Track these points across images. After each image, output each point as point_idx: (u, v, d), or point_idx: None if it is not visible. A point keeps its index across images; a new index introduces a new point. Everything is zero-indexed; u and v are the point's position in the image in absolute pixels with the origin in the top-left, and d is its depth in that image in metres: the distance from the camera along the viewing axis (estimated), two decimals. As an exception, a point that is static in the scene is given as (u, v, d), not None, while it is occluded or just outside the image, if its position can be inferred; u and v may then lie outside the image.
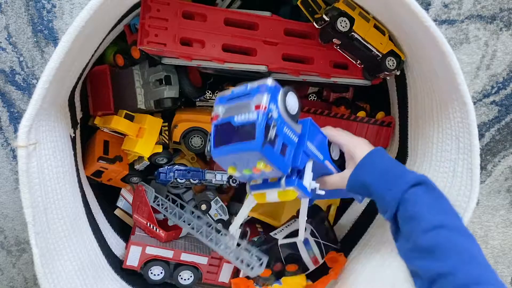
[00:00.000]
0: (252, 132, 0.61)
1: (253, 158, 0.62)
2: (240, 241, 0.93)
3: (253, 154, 0.62)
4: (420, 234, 0.62)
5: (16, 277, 1.12)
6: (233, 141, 0.63)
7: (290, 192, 0.69)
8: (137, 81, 0.94)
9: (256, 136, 0.61)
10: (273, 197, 0.71)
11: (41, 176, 0.66)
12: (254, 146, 0.60)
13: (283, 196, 0.70)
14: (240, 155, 0.63)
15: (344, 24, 0.82)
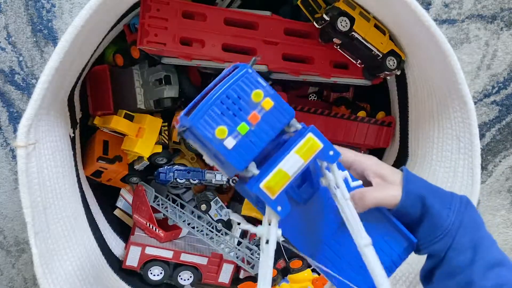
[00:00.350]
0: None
1: (245, 92, 0.48)
2: (241, 240, 0.93)
3: (244, 79, 0.48)
4: (481, 271, 0.53)
5: (16, 277, 1.12)
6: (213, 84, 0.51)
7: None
8: (137, 81, 0.94)
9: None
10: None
11: (41, 176, 0.66)
12: (242, 66, 0.49)
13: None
14: (228, 94, 0.48)
15: (345, 24, 0.82)
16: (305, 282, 0.86)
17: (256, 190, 0.47)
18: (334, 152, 0.49)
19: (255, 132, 0.47)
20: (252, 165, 0.48)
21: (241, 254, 0.92)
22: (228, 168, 0.49)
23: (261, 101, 0.48)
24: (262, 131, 0.48)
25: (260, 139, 0.48)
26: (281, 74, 0.92)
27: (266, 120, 0.48)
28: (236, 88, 0.48)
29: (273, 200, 0.47)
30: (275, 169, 0.47)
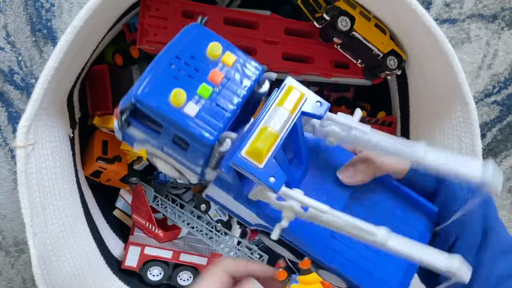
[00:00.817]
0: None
1: (199, 47, 0.37)
2: (241, 240, 0.93)
3: (194, 34, 0.37)
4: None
5: (15, 277, 1.12)
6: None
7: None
8: (136, 80, 0.94)
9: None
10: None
11: (40, 176, 0.66)
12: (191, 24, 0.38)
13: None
14: (177, 53, 0.37)
15: (345, 23, 0.82)
16: (315, 284, 0.85)
17: (237, 159, 0.35)
18: (321, 103, 0.40)
19: (221, 93, 0.37)
20: (228, 134, 0.36)
21: (241, 254, 0.92)
22: (194, 155, 0.37)
23: (221, 56, 0.38)
24: (230, 91, 0.37)
25: (229, 100, 0.37)
26: (281, 73, 0.91)
27: (231, 77, 0.38)
28: (187, 45, 0.37)
29: (261, 169, 0.35)
30: (258, 128, 0.36)
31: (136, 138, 0.39)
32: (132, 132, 0.38)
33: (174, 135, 0.37)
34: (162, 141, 0.38)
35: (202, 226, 0.93)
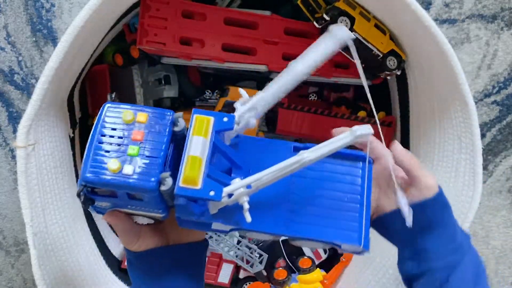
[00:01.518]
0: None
1: (115, 121, 0.46)
2: (240, 239, 0.93)
3: (108, 111, 0.46)
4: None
5: (15, 277, 1.12)
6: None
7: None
8: (136, 80, 0.94)
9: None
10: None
11: (40, 176, 0.66)
12: (104, 105, 0.47)
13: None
14: (101, 132, 0.45)
15: (345, 24, 0.82)
16: (315, 283, 0.85)
17: (179, 190, 0.42)
18: (228, 118, 0.46)
19: (147, 146, 0.45)
20: (164, 175, 0.44)
21: (241, 253, 0.92)
22: (151, 201, 0.45)
23: (135, 118, 0.45)
24: (153, 141, 0.45)
25: (156, 149, 0.45)
26: (281, 74, 0.91)
27: (151, 130, 0.45)
28: (105, 123, 0.45)
29: (200, 189, 0.42)
30: (184, 160, 0.43)
31: (105, 208, 0.48)
32: (99, 204, 0.47)
33: (128, 195, 0.45)
34: (122, 201, 0.46)
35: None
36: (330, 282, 0.88)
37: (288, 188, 0.51)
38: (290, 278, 0.88)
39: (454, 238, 0.54)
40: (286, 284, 0.87)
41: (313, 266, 0.86)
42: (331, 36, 0.50)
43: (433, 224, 0.54)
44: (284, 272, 0.88)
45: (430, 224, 0.54)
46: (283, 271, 0.88)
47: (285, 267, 0.90)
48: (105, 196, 0.46)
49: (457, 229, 0.55)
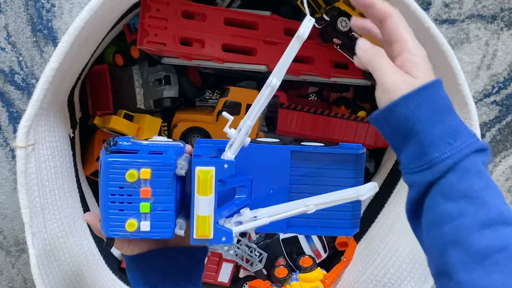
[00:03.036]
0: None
1: (121, 179, 0.48)
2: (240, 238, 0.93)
3: (112, 170, 0.48)
4: (475, 227, 0.42)
5: (16, 277, 1.12)
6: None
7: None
8: (137, 80, 0.94)
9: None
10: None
11: (39, 176, 0.66)
12: (105, 157, 0.49)
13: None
14: (111, 191, 0.49)
15: (345, 24, 0.82)
16: (315, 282, 0.86)
17: (194, 242, 0.48)
18: (228, 164, 0.48)
19: (157, 201, 0.48)
20: (177, 229, 0.49)
21: (241, 252, 0.92)
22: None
23: (139, 176, 0.48)
24: (162, 196, 0.49)
25: (166, 203, 0.49)
26: (281, 74, 0.91)
27: (157, 185, 0.48)
28: (112, 182, 0.48)
29: (212, 239, 0.48)
30: (194, 219, 0.47)
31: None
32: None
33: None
34: (137, 234, 0.49)
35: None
36: (330, 281, 0.88)
37: (286, 189, 0.55)
38: (290, 276, 0.88)
39: (423, 152, 0.45)
40: (286, 282, 0.88)
41: (314, 265, 0.86)
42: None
43: (400, 136, 0.47)
44: (284, 270, 0.88)
45: (398, 134, 0.47)
46: (283, 269, 0.88)
47: (285, 265, 0.90)
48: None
49: (434, 142, 0.44)
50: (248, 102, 0.91)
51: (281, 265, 0.90)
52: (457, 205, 0.44)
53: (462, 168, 0.44)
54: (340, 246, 0.96)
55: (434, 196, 0.45)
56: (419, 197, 0.47)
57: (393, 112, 0.46)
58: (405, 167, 0.47)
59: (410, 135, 0.46)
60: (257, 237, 0.96)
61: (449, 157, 0.44)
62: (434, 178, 0.45)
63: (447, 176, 0.44)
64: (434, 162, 0.44)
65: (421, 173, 0.45)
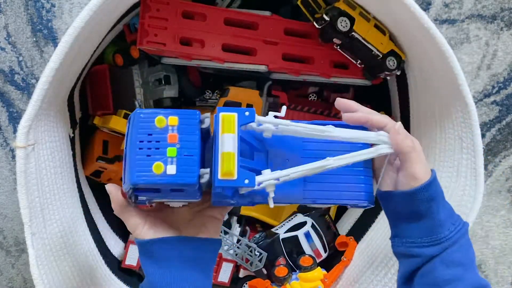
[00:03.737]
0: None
1: (149, 127, 0.51)
2: (240, 238, 0.93)
3: (141, 119, 0.51)
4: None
5: (16, 277, 1.12)
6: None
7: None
8: (137, 80, 0.94)
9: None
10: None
11: (39, 176, 0.66)
12: (133, 113, 0.52)
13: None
14: (139, 138, 0.51)
15: (345, 24, 0.82)
16: (315, 281, 0.86)
17: (219, 183, 0.49)
18: (249, 112, 0.52)
19: (183, 146, 0.50)
20: (203, 171, 0.50)
21: (240, 252, 0.92)
22: (190, 192, 0.51)
23: (167, 122, 0.51)
24: (188, 142, 0.51)
25: (192, 148, 0.50)
26: (281, 74, 0.92)
27: (183, 131, 0.51)
28: (141, 130, 0.51)
29: (236, 180, 0.49)
30: (219, 156, 0.49)
31: (146, 201, 0.53)
32: (141, 199, 0.53)
33: (171, 190, 0.51)
34: (164, 194, 0.52)
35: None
36: (330, 281, 0.88)
37: (300, 158, 0.58)
38: (290, 276, 0.88)
39: (436, 231, 0.55)
40: (286, 281, 0.88)
41: (314, 264, 0.86)
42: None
43: (416, 215, 0.55)
44: (284, 269, 0.88)
45: (413, 214, 0.55)
46: (283, 268, 0.88)
47: (285, 265, 0.90)
48: (149, 191, 0.52)
49: (443, 222, 0.55)
50: (248, 102, 0.91)
51: (281, 265, 0.90)
52: (454, 271, 0.54)
53: (460, 244, 0.55)
54: (340, 246, 0.96)
55: (436, 265, 0.55)
56: (418, 267, 0.56)
57: (421, 194, 0.54)
58: (412, 241, 0.56)
59: (425, 215, 0.55)
60: (257, 237, 0.96)
61: (453, 236, 0.55)
62: (441, 251, 0.55)
63: (449, 249, 0.55)
64: (444, 240, 0.55)
65: (430, 248, 0.55)
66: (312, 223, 0.93)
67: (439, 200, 0.55)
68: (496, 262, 1.14)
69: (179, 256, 0.55)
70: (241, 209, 0.99)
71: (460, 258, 0.55)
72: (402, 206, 0.56)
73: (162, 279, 0.54)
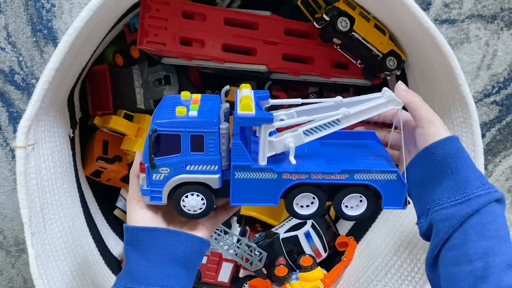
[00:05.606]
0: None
1: (177, 99, 0.58)
2: (240, 238, 0.93)
3: (170, 98, 0.60)
4: (503, 266, 0.49)
5: (16, 277, 1.12)
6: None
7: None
8: (137, 80, 0.94)
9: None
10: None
11: (39, 176, 0.66)
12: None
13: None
14: (166, 104, 0.58)
15: (345, 24, 0.82)
16: (315, 281, 0.86)
17: (238, 115, 0.52)
18: (263, 92, 0.60)
19: (203, 105, 0.55)
20: (223, 124, 0.54)
21: (240, 252, 0.92)
22: (209, 148, 0.53)
23: (191, 97, 0.57)
24: (209, 102, 0.56)
25: (211, 107, 0.55)
26: (281, 74, 0.92)
27: (205, 101, 0.56)
28: (167, 102, 0.58)
29: (254, 114, 0.52)
30: (238, 99, 0.54)
31: (163, 182, 0.55)
32: (159, 172, 0.54)
33: (191, 141, 0.53)
34: (184, 156, 0.54)
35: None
36: (330, 280, 0.88)
37: (319, 149, 0.61)
38: (290, 275, 0.88)
39: (462, 187, 0.52)
40: (286, 281, 0.88)
41: (314, 264, 0.86)
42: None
43: (438, 174, 0.53)
44: (284, 269, 0.88)
45: (436, 174, 0.53)
46: (283, 268, 0.88)
47: (285, 264, 0.91)
48: (168, 156, 0.53)
49: (469, 178, 0.52)
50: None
51: (281, 264, 0.90)
52: (489, 243, 0.49)
53: (492, 211, 0.51)
54: (340, 246, 0.96)
55: (468, 233, 0.50)
56: (448, 236, 0.52)
57: (441, 148, 0.52)
58: (440, 203, 0.53)
59: (449, 172, 0.52)
60: (257, 237, 0.96)
61: (483, 195, 0.51)
62: (470, 212, 0.50)
63: (481, 216, 0.50)
64: (472, 197, 0.51)
65: (459, 206, 0.51)
66: (312, 223, 0.93)
67: (462, 159, 0.52)
68: (496, 262, 1.14)
69: (165, 249, 0.54)
70: (241, 209, 0.99)
71: (494, 228, 0.50)
72: (424, 169, 0.54)
73: (144, 272, 0.54)
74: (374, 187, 0.56)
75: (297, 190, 0.56)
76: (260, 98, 0.58)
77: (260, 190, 0.56)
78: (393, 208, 0.57)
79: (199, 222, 0.58)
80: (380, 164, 0.57)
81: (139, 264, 0.54)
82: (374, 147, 0.63)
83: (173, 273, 0.54)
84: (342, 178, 0.55)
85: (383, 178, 0.55)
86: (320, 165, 0.57)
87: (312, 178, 0.55)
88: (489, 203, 0.51)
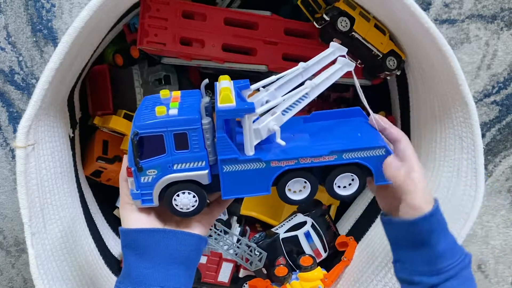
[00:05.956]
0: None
1: (157, 99, 0.56)
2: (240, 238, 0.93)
3: (150, 98, 0.58)
4: None
5: (16, 277, 1.12)
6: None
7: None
8: (137, 80, 0.94)
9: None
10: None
11: (39, 176, 0.66)
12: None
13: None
14: (146, 105, 0.56)
15: (345, 24, 0.82)
16: (315, 281, 0.86)
17: (220, 109, 0.51)
18: (243, 82, 0.58)
19: (184, 102, 0.54)
20: (205, 119, 0.52)
21: (240, 252, 0.92)
22: (194, 145, 0.53)
23: (171, 95, 0.55)
24: (188, 101, 0.55)
25: (192, 103, 0.54)
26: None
27: (185, 98, 0.55)
28: (147, 102, 0.56)
29: (235, 105, 0.51)
30: (218, 91, 0.54)
31: (151, 183, 0.54)
32: (146, 175, 0.54)
33: (174, 140, 0.52)
34: (170, 156, 0.53)
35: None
36: (330, 280, 0.88)
37: (305, 131, 0.61)
38: (290, 275, 0.88)
39: (435, 261, 0.54)
40: (286, 281, 0.88)
41: (314, 264, 0.86)
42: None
43: (415, 244, 0.55)
44: (284, 269, 0.88)
45: (412, 243, 0.55)
46: (283, 268, 0.88)
47: (285, 264, 0.90)
48: (153, 156, 0.53)
49: (443, 253, 0.54)
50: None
51: (281, 264, 0.90)
52: None
53: (462, 276, 0.55)
54: (340, 246, 0.96)
55: None
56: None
57: (419, 225, 0.53)
58: (412, 269, 0.56)
59: (424, 245, 0.54)
60: (257, 237, 0.96)
61: (453, 268, 0.54)
62: (440, 282, 0.54)
63: (450, 282, 0.54)
64: (443, 271, 0.54)
65: (430, 277, 0.55)
66: (312, 223, 0.93)
67: (440, 231, 0.54)
68: (496, 262, 1.14)
69: (164, 249, 0.54)
70: (241, 209, 0.99)
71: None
72: (403, 234, 0.56)
73: (144, 273, 0.53)
74: (364, 164, 0.56)
75: (288, 176, 0.56)
76: (240, 88, 0.57)
77: (251, 181, 0.55)
78: (386, 183, 0.57)
79: (194, 220, 0.58)
80: (367, 140, 0.57)
81: (138, 266, 0.54)
82: (360, 123, 0.62)
83: (173, 273, 0.54)
84: (331, 159, 0.55)
85: (371, 154, 0.56)
86: (308, 148, 0.56)
87: (301, 163, 0.55)
88: (461, 271, 0.55)
